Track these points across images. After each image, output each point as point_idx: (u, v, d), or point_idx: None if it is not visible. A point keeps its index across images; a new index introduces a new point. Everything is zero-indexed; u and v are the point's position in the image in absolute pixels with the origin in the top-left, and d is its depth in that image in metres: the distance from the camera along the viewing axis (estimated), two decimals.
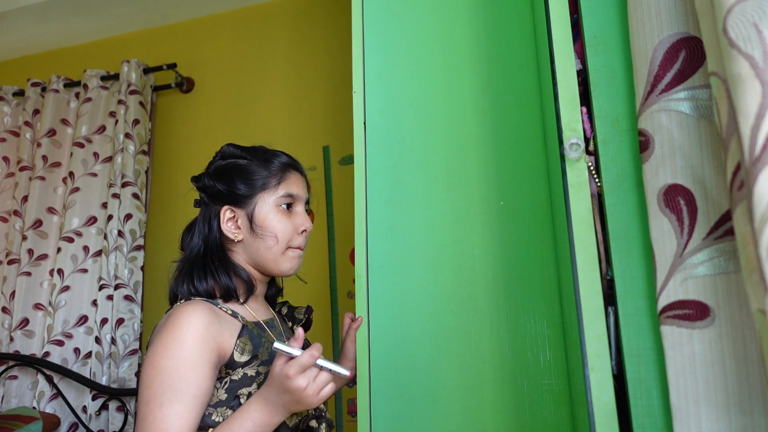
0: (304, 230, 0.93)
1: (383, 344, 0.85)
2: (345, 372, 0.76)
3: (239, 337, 0.82)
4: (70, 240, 1.84)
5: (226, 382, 0.81)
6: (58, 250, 1.84)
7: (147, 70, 2.01)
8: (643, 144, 0.61)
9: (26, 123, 2.02)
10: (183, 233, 0.95)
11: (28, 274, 1.85)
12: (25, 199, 1.95)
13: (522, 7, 0.92)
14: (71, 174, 1.90)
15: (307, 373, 0.74)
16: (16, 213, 1.94)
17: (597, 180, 0.70)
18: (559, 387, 0.76)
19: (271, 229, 0.90)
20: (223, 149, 0.97)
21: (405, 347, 0.85)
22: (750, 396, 0.51)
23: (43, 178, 1.94)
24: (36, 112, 2.05)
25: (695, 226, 0.56)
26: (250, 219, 0.90)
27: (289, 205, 0.92)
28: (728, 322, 0.53)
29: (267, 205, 0.91)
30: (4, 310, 1.85)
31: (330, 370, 0.76)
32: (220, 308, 0.84)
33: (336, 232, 1.80)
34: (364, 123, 0.95)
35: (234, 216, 0.91)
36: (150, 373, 0.74)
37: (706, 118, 0.57)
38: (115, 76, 2.00)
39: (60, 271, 1.81)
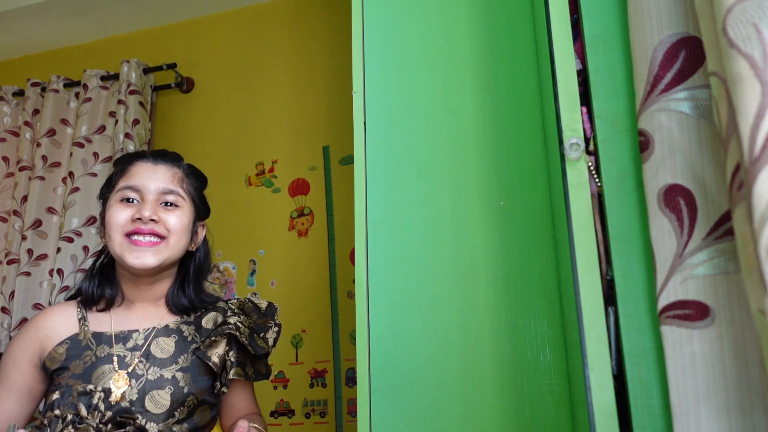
0: (138, 218, 0.84)
1: (383, 344, 0.85)
2: None
3: (59, 344, 0.86)
4: (70, 240, 1.84)
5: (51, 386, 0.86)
6: (58, 250, 1.83)
7: (147, 70, 2.01)
8: (643, 144, 0.61)
9: (26, 123, 2.02)
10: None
11: (28, 274, 1.85)
12: (25, 199, 1.94)
13: (522, 7, 0.92)
14: (71, 174, 1.90)
15: None
16: (15, 213, 1.94)
17: (597, 180, 0.70)
18: (559, 387, 0.76)
19: (107, 224, 0.87)
20: None
21: (405, 347, 0.85)
22: (750, 396, 0.51)
23: (42, 178, 1.94)
24: (36, 111, 2.05)
25: (695, 226, 0.56)
26: (102, 222, 0.91)
27: (132, 199, 0.87)
28: (728, 323, 0.53)
29: (109, 203, 0.89)
30: (4, 310, 1.85)
31: None
32: (79, 309, 0.90)
33: (336, 232, 1.80)
34: (364, 123, 0.95)
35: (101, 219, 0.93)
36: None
37: (706, 118, 0.57)
38: (115, 76, 2.00)
39: (60, 271, 1.81)
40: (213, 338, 0.88)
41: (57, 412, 0.79)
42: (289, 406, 1.74)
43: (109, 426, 0.79)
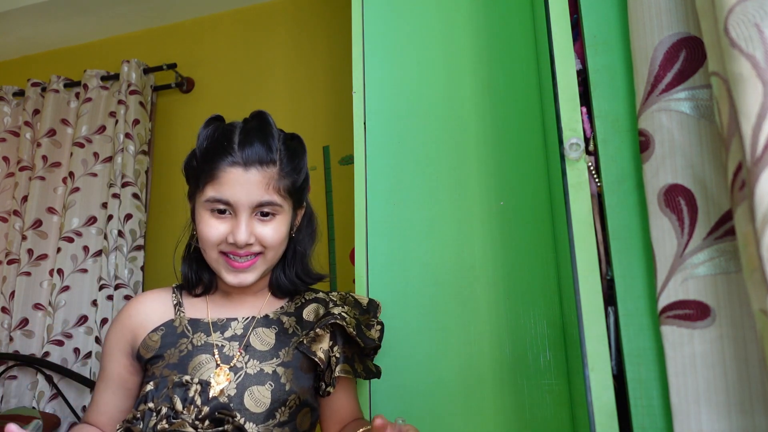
0: (233, 242, 0.75)
1: (383, 344, 0.85)
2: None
3: (154, 331, 0.79)
4: (70, 240, 1.84)
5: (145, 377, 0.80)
6: (58, 250, 1.83)
7: (147, 70, 2.01)
8: (643, 144, 0.61)
9: (26, 123, 2.02)
10: None
11: (28, 274, 1.85)
12: (25, 199, 1.94)
13: (522, 7, 0.92)
14: (71, 174, 1.90)
15: None
16: (15, 213, 1.94)
17: (597, 180, 0.70)
18: (559, 387, 0.76)
19: (200, 234, 0.77)
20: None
21: (405, 347, 0.84)
22: (750, 396, 0.51)
23: (43, 178, 1.94)
24: (36, 112, 2.05)
25: (696, 226, 0.56)
26: (192, 219, 0.81)
27: (223, 211, 0.76)
28: (729, 322, 0.53)
29: (199, 207, 0.78)
30: (4, 310, 1.85)
31: None
32: (174, 294, 0.84)
33: (336, 232, 1.80)
34: (364, 123, 0.94)
35: (191, 208, 0.82)
36: None
37: (706, 118, 0.57)
38: (115, 76, 2.00)
39: (60, 271, 1.81)
40: (317, 331, 0.78)
41: (150, 404, 0.72)
42: None
43: (206, 423, 0.70)
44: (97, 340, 1.71)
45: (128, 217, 1.82)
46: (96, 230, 1.86)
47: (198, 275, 0.83)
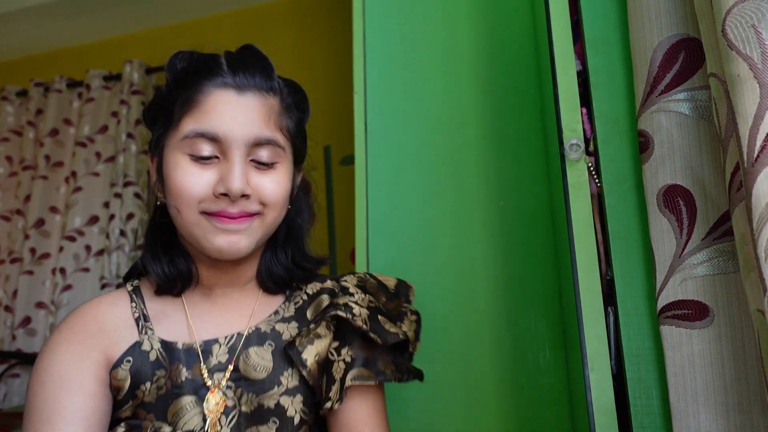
0: (223, 192, 0.54)
1: None
2: None
3: (115, 367, 0.56)
4: (72, 239, 1.85)
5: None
6: (61, 249, 1.84)
7: (149, 71, 2.02)
8: (642, 144, 0.61)
9: (29, 123, 2.03)
10: None
11: (31, 272, 1.86)
12: (28, 198, 1.95)
13: (522, 7, 0.92)
14: (73, 173, 1.90)
15: None
16: (18, 212, 1.95)
17: (597, 180, 0.70)
18: (559, 387, 0.76)
19: (171, 188, 0.55)
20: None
21: None
22: (749, 395, 0.51)
23: (45, 178, 1.94)
24: (39, 111, 2.06)
25: (694, 227, 0.56)
26: (158, 170, 0.58)
27: (207, 157, 0.54)
28: (727, 322, 0.53)
29: (171, 152, 0.56)
30: (7, 308, 1.86)
31: None
32: (133, 302, 0.60)
33: (336, 232, 1.80)
34: (365, 123, 0.95)
35: (152, 163, 0.61)
36: (27, 398, 0.55)
37: (705, 119, 0.57)
38: (118, 77, 2.00)
39: (62, 270, 1.82)
40: (311, 327, 0.59)
41: None
42: None
43: None
44: None
45: (130, 216, 1.83)
46: (98, 229, 1.87)
47: (175, 267, 0.59)
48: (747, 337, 0.52)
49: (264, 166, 0.57)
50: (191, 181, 0.54)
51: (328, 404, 0.56)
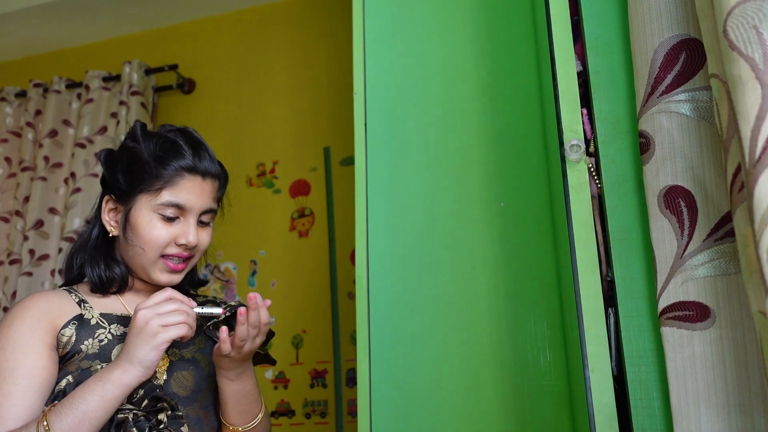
0: (183, 243, 0.79)
1: (383, 345, 0.85)
2: (217, 310, 0.76)
3: (65, 326, 0.76)
4: (72, 240, 1.84)
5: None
6: (60, 250, 1.84)
7: (148, 71, 2.02)
8: (643, 145, 0.61)
9: (28, 123, 2.03)
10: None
11: (30, 274, 1.85)
12: (27, 199, 1.95)
13: (522, 8, 0.92)
14: (73, 174, 1.90)
15: (154, 299, 0.71)
16: (17, 213, 1.94)
17: (597, 181, 0.70)
18: (559, 388, 0.76)
19: (142, 236, 0.78)
20: (130, 128, 0.86)
21: (405, 348, 0.85)
22: (750, 397, 0.51)
23: (44, 179, 1.94)
24: (38, 112, 2.05)
25: (695, 228, 0.56)
26: (125, 219, 0.80)
27: (172, 218, 0.79)
28: (728, 324, 0.53)
29: (144, 208, 0.79)
30: (6, 310, 1.86)
31: (199, 313, 0.75)
32: (71, 294, 0.81)
33: (336, 233, 1.80)
34: (365, 124, 0.95)
35: (115, 208, 0.82)
36: None
37: (706, 119, 0.57)
38: (117, 77, 2.00)
39: (61, 272, 1.82)
40: (220, 319, 0.84)
41: None
42: (290, 406, 1.74)
43: (143, 406, 0.73)
44: None
45: None
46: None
47: (110, 273, 0.82)
48: (748, 338, 0.52)
49: (204, 224, 0.84)
50: (160, 235, 0.79)
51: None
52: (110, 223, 0.82)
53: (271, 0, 2.06)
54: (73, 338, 0.76)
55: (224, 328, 0.75)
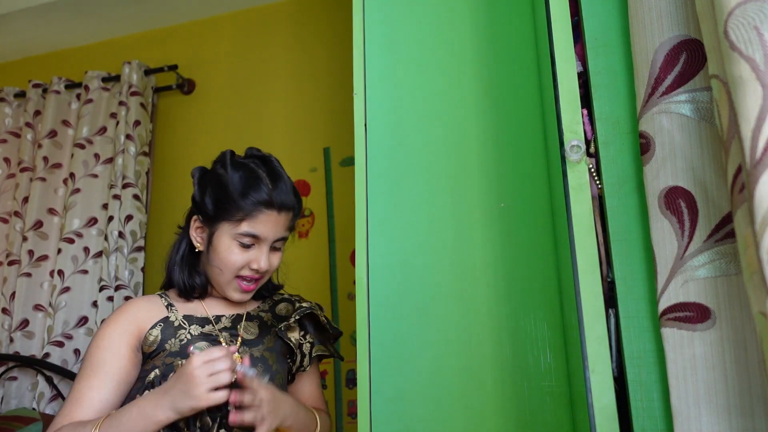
0: (255, 269, 0.91)
1: (383, 346, 0.85)
2: (250, 371, 0.79)
3: (153, 327, 0.89)
4: (71, 241, 1.84)
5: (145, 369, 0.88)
6: (59, 251, 1.84)
7: (148, 72, 2.02)
8: (643, 146, 0.61)
9: (27, 124, 2.03)
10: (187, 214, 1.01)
11: (29, 275, 1.85)
12: (26, 200, 1.95)
13: (523, 8, 0.92)
14: (72, 175, 1.90)
15: (205, 355, 0.77)
16: (16, 214, 1.94)
17: (597, 182, 0.70)
18: (560, 389, 0.76)
19: (222, 259, 0.90)
20: (221, 154, 0.97)
21: (405, 349, 0.84)
22: (751, 398, 0.51)
23: (43, 179, 1.94)
24: (37, 113, 2.05)
25: (696, 229, 0.56)
26: (209, 240, 0.92)
27: (249, 244, 0.91)
28: (729, 325, 0.53)
29: (225, 235, 0.90)
30: (4, 311, 1.85)
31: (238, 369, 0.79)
32: (162, 298, 0.95)
33: (336, 234, 1.80)
34: (365, 124, 0.95)
35: (201, 226, 0.95)
36: (85, 355, 0.89)
37: (707, 120, 0.57)
38: (116, 78, 2.00)
39: (60, 272, 1.81)
40: (290, 323, 0.96)
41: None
42: None
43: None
44: None
45: (129, 218, 1.83)
46: (97, 231, 1.87)
47: (192, 281, 0.95)
48: (749, 339, 0.52)
49: (275, 250, 0.96)
50: (237, 260, 0.91)
51: (300, 366, 0.98)
52: (197, 239, 0.95)
53: (271, 0, 2.06)
54: (159, 338, 0.88)
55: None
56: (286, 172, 0.95)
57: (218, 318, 0.94)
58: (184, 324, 0.91)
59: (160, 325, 0.90)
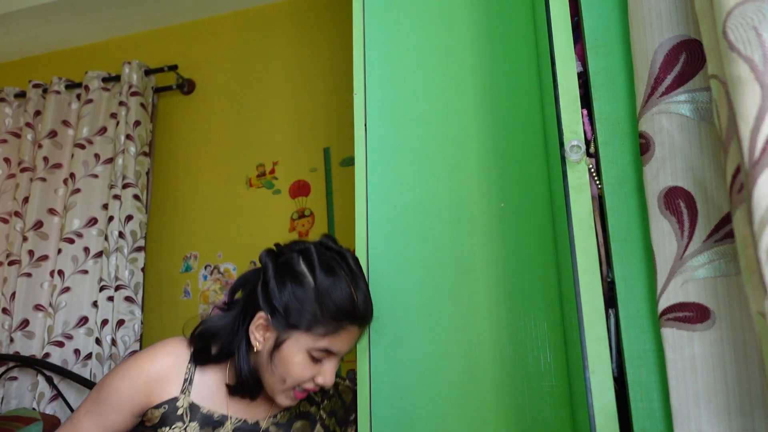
0: (321, 383, 0.81)
1: (383, 346, 0.85)
2: None
3: (157, 406, 0.83)
4: (71, 241, 1.84)
5: None
6: (59, 251, 1.84)
7: (148, 72, 2.02)
8: (643, 146, 0.61)
9: (27, 124, 2.03)
10: (237, 282, 0.88)
11: (29, 275, 1.85)
12: (26, 200, 1.95)
13: (523, 9, 0.92)
14: (72, 175, 1.90)
15: None
16: (16, 214, 1.94)
17: (597, 182, 0.70)
18: (560, 389, 0.76)
19: (289, 370, 0.79)
20: (301, 244, 0.85)
21: (405, 349, 0.84)
22: (750, 398, 0.51)
23: (44, 179, 1.94)
24: (37, 113, 2.05)
25: (695, 229, 0.56)
26: (276, 345, 0.79)
27: (321, 358, 0.80)
28: (728, 325, 0.53)
29: (299, 345, 0.79)
30: (5, 311, 1.85)
31: None
32: (189, 367, 0.86)
33: (336, 234, 1.80)
34: (365, 125, 0.95)
35: (266, 326, 0.81)
36: (98, 383, 0.87)
37: (706, 120, 0.57)
38: (117, 78, 2.00)
39: (60, 272, 1.81)
40: (351, 417, 0.92)
41: None
42: None
43: None
44: (98, 341, 1.71)
45: (129, 218, 1.83)
46: (97, 231, 1.87)
47: (259, 389, 0.84)
48: (749, 339, 0.52)
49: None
50: (304, 373, 0.80)
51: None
52: (258, 339, 0.81)
53: (271, 0, 2.06)
54: (159, 418, 0.84)
55: None
56: (362, 271, 0.85)
57: (220, 421, 0.85)
58: (185, 417, 0.84)
59: (165, 407, 0.84)
